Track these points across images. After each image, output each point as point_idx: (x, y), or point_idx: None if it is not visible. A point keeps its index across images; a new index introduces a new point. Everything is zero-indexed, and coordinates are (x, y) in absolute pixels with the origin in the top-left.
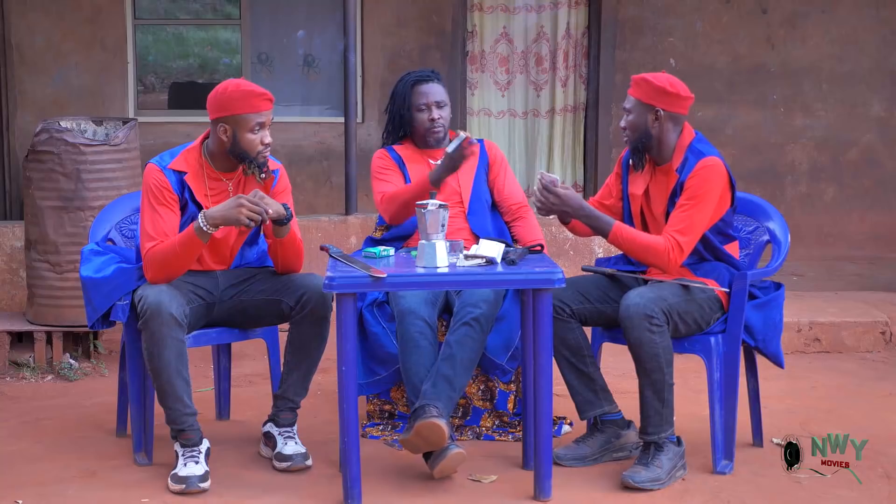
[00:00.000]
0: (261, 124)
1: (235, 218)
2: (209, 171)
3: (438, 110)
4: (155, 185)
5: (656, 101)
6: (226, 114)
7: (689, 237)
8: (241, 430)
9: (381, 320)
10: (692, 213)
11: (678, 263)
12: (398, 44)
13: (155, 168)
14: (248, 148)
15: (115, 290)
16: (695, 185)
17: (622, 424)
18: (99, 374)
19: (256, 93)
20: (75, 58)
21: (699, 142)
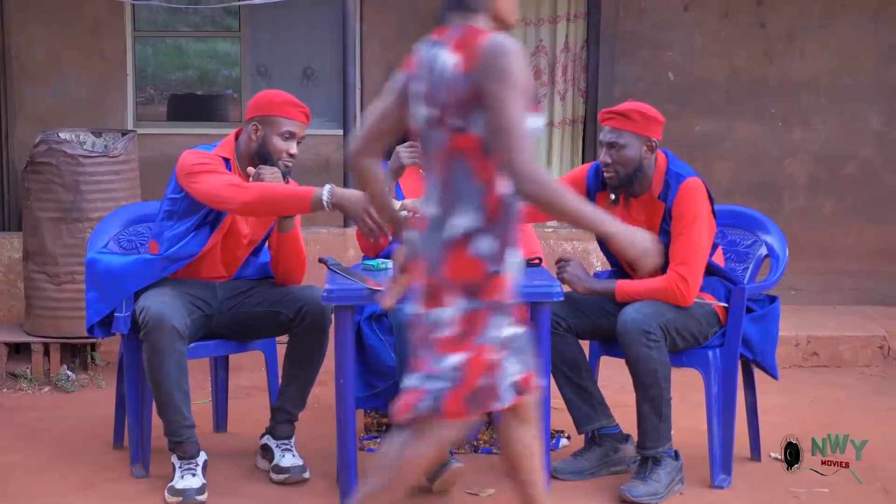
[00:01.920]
0: (291, 133)
1: (354, 214)
2: (236, 171)
3: None
4: (209, 159)
5: (650, 131)
6: (261, 113)
7: (691, 265)
8: (238, 442)
9: (379, 333)
10: (689, 240)
11: (690, 294)
12: (397, 57)
13: (200, 151)
14: (273, 150)
15: (134, 279)
16: (682, 211)
17: (620, 438)
18: (96, 385)
19: (296, 103)
20: (75, 69)
21: (674, 164)
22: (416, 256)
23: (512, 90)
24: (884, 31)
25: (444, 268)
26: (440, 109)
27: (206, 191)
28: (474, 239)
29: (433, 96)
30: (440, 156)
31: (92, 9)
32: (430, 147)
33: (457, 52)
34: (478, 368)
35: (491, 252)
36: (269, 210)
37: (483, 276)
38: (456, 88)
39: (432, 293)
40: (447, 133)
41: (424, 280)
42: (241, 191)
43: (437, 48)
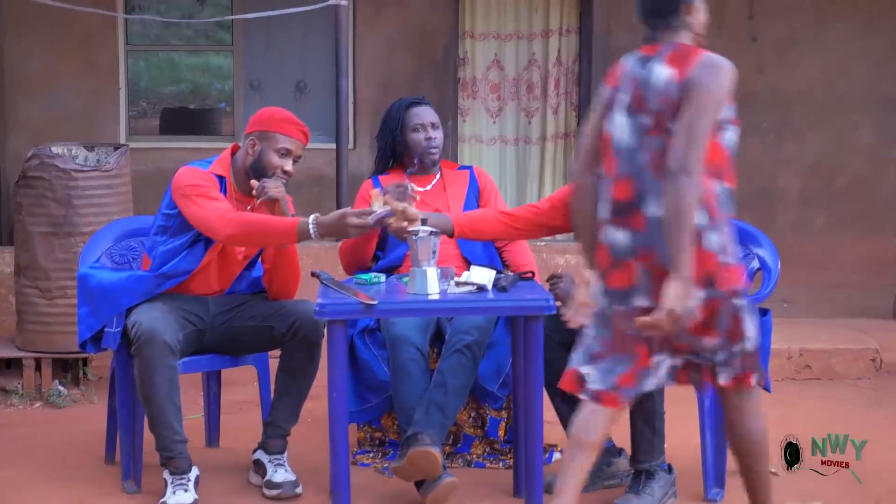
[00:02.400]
0: (287, 150)
1: (344, 232)
2: (234, 191)
3: (434, 131)
4: (204, 179)
5: None
6: (260, 129)
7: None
8: (230, 457)
9: (372, 347)
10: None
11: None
12: (390, 70)
13: (196, 168)
14: (268, 166)
15: (127, 296)
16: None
17: (613, 452)
18: (88, 400)
19: (294, 121)
20: (68, 83)
21: None
22: (634, 254)
23: (711, 100)
24: (874, 44)
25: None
26: (655, 117)
27: (196, 216)
28: (704, 234)
29: (646, 105)
30: (660, 160)
31: (85, 23)
32: (643, 152)
33: (672, 65)
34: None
35: (720, 245)
36: (255, 242)
37: (716, 267)
38: (671, 98)
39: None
40: (666, 139)
41: (656, 273)
42: (228, 223)
43: (652, 62)
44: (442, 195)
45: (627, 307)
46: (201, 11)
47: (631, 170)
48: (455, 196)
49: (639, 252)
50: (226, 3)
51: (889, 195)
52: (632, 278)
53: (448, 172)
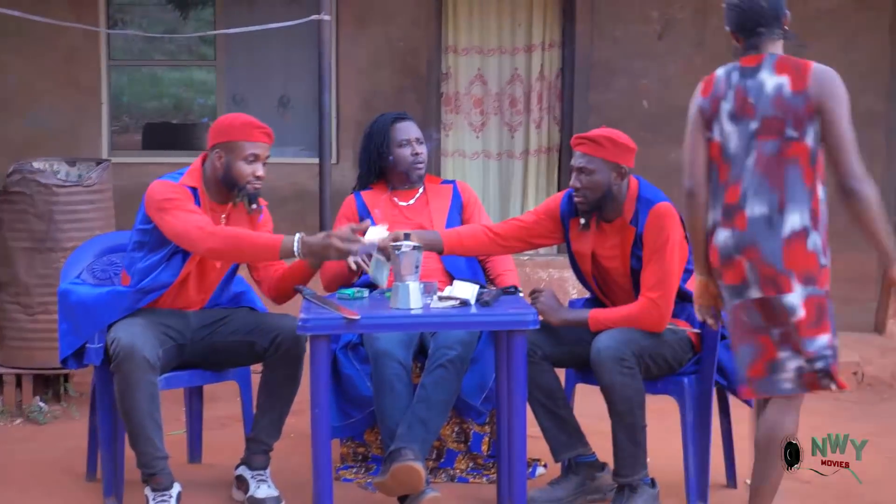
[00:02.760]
0: (255, 155)
1: (325, 254)
2: (207, 201)
3: (419, 146)
4: (177, 192)
5: (620, 157)
6: (223, 139)
7: (662, 291)
8: (213, 473)
9: (355, 362)
10: (660, 266)
11: (663, 320)
12: (373, 85)
13: (168, 182)
14: (239, 176)
15: (107, 312)
16: (653, 236)
17: (596, 466)
18: (69, 417)
19: (257, 125)
20: (49, 98)
21: (645, 189)
22: (739, 252)
23: (844, 107)
24: (854, 59)
25: (784, 259)
26: (765, 121)
27: (174, 229)
28: (809, 235)
29: (754, 111)
30: (770, 162)
31: (67, 38)
32: (751, 155)
33: (782, 73)
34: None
35: (821, 247)
36: (236, 258)
37: (817, 267)
38: (790, 105)
39: (774, 281)
40: (780, 142)
41: (761, 269)
42: (209, 235)
43: (759, 72)
44: (425, 209)
45: (744, 300)
46: (184, 26)
47: (739, 173)
48: (438, 210)
49: (743, 249)
50: (208, 18)
51: None
52: (742, 274)
53: (431, 187)
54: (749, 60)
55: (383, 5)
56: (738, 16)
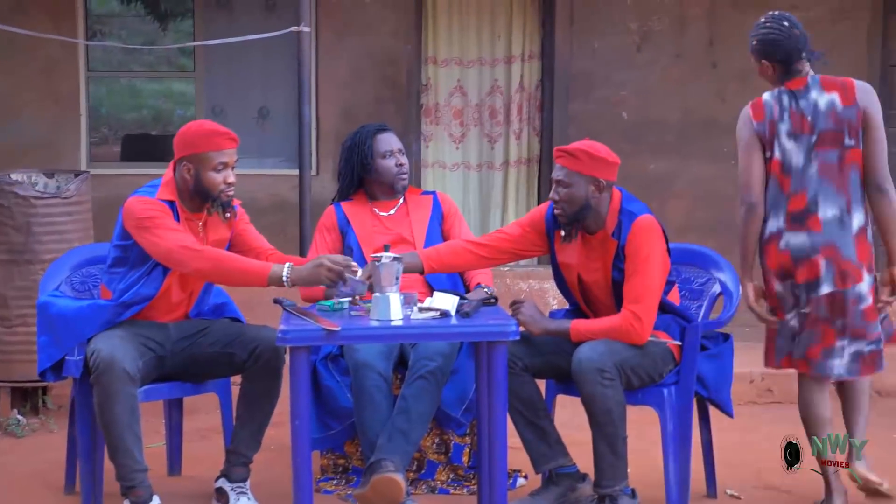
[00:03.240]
0: (224, 163)
1: (318, 280)
2: (183, 210)
3: (402, 157)
4: (156, 209)
5: (598, 171)
6: (189, 152)
7: (644, 304)
8: (193, 485)
9: (335, 374)
10: (642, 278)
11: (645, 332)
12: (353, 96)
13: (145, 198)
14: (211, 186)
15: (88, 325)
16: (635, 249)
17: (577, 477)
18: (48, 430)
19: (220, 132)
20: (28, 109)
21: (627, 202)
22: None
23: (881, 115)
24: (832, 71)
25: (856, 253)
26: (822, 135)
27: (157, 248)
28: (868, 229)
29: (811, 127)
30: (833, 169)
31: (45, 49)
32: (812, 165)
33: (832, 91)
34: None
35: (872, 238)
36: (221, 280)
37: (873, 256)
38: (843, 117)
39: (850, 274)
40: (840, 150)
41: (839, 265)
42: (196, 255)
43: (809, 92)
44: (405, 220)
45: (817, 294)
46: (163, 38)
47: (802, 183)
48: (418, 221)
49: (821, 249)
50: (188, 30)
51: None
52: (817, 271)
53: (412, 197)
54: (795, 84)
55: (363, 17)
56: (779, 48)
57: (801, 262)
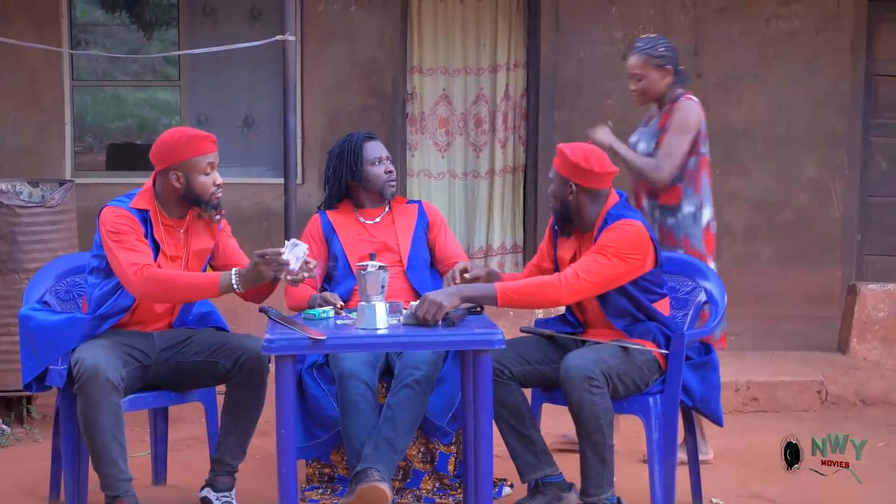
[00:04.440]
0: (211, 165)
1: (262, 277)
2: (163, 217)
3: (390, 164)
4: (122, 217)
5: (571, 175)
6: (176, 160)
7: (591, 279)
8: (178, 495)
9: (320, 383)
10: (598, 259)
11: (564, 294)
12: (338, 105)
13: (117, 209)
14: (202, 191)
15: (67, 339)
16: (607, 237)
17: (563, 486)
18: (32, 439)
19: (201, 136)
20: (12, 118)
21: (621, 206)
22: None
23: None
24: (817, 80)
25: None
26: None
27: (113, 265)
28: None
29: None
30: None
31: (29, 58)
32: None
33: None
34: None
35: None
36: (172, 299)
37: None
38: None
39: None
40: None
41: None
42: (141, 280)
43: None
44: (391, 228)
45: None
46: (148, 47)
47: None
48: (404, 229)
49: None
50: (173, 39)
51: (833, 229)
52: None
53: (397, 206)
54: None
55: (348, 26)
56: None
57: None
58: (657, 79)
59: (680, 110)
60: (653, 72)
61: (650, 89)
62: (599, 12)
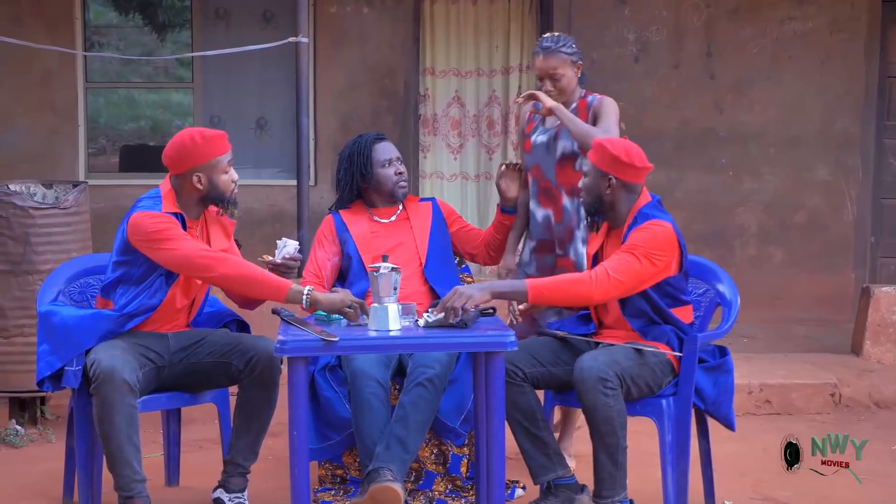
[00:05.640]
0: (229, 162)
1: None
2: (188, 222)
3: (401, 165)
4: (165, 222)
5: (611, 169)
6: (199, 162)
7: (621, 278)
8: (190, 496)
9: (333, 384)
10: (628, 259)
11: (595, 292)
12: (351, 107)
13: (151, 213)
14: (224, 189)
15: (89, 335)
16: (636, 237)
17: (575, 488)
18: (46, 440)
19: (218, 135)
20: (25, 120)
21: (653, 206)
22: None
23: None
24: (830, 82)
25: None
26: None
27: (175, 257)
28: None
29: None
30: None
31: (43, 60)
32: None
33: None
34: None
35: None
36: (243, 289)
37: None
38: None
39: None
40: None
41: None
42: (220, 260)
43: None
44: (406, 226)
45: None
46: (161, 49)
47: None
48: (420, 228)
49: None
50: (185, 41)
51: (845, 231)
52: None
53: (411, 205)
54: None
55: (360, 27)
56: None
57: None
58: (573, 77)
59: (602, 104)
60: (570, 69)
61: (567, 88)
62: (612, 14)
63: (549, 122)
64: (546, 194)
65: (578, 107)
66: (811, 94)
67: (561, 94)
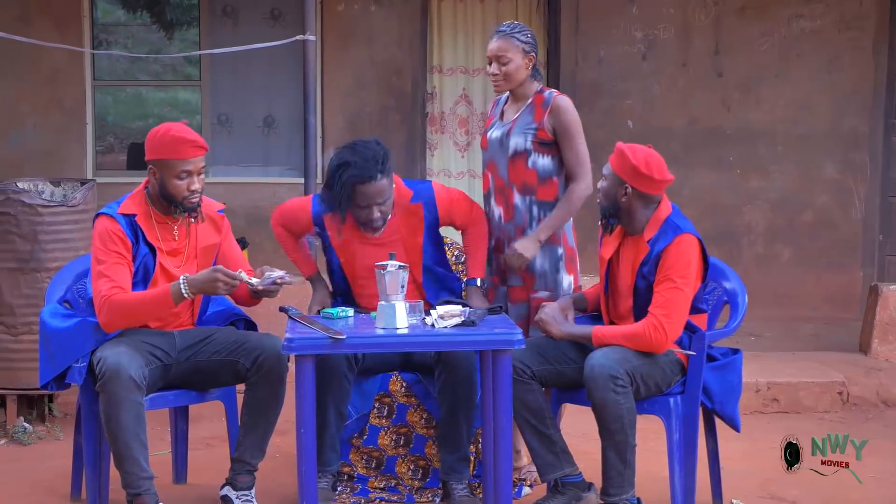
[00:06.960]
0: (188, 171)
1: (213, 289)
2: (155, 214)
3: (379, 207)
4: (107, 233)
5: (628, 177)
6: (155, 157)
7: (672, 314)
8: (198, 493)
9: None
10: (674, 289)
11: (666, 342)
12: (358, 105)
13: (105, 217)
14: (175, 193)
15: (80, 344)
16: (671, 263)
17: (583, 486)
18: (54, 437)
19: (187, 139)
20: (33, 119)
21: (676, 216)
22: None
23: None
24: (838, 80)
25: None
26: None
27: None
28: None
29: None
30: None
31: (50, 59)
32: None
33: None
34: None
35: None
36: (132, 321)
37: None
38: None
39: None
40: None
41: None
42: (100, 309)
43: None
44: (396, 234)
45: None
46: (169, 47)
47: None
48: (411, 232)
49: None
50: (193, 39)
51: (854, 230)
52: None
53: (400, 208)
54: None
55: (368, 26)
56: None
57: None
58: (522, 65)
59: (565, 112)
60: (518, 56)
61: (514, 75)
62: (619, 12)
63: (507, 116)
64: (500, 192)
65: (534, 101)
66: (819, 93)
67: (507, 79)
